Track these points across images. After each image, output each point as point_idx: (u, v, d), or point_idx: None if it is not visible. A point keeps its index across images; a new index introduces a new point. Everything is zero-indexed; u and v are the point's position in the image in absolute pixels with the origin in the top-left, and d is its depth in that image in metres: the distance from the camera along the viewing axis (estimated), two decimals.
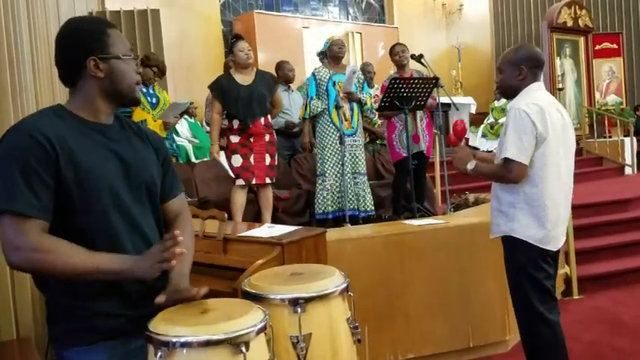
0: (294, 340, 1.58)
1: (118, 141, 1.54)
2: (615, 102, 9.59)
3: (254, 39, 7.80)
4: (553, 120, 2.45)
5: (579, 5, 9.30)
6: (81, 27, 1.53)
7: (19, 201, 1.33)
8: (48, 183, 1.37)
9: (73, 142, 1.42)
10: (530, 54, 2.56)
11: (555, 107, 2.52)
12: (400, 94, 4.22)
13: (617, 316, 4.04)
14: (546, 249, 2.49)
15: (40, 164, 1.36)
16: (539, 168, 2.44)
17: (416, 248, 3.31)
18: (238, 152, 4.01)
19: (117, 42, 1.51)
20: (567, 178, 2.55)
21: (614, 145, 8.37)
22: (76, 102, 1.51)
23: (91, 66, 1.47)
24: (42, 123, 1.41)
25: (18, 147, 1.36)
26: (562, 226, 2.55)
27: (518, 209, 2.49)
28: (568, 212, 2.62)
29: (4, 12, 2.18)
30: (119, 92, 1.53)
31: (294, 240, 2.39)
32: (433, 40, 10.53)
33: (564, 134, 2.51)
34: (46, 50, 2.98)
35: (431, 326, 3.30)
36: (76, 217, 1.41)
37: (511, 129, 2.43)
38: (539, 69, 2.56)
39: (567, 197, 2.57)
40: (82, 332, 1.43)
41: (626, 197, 5.90)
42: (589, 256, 4.86)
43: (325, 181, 4.43)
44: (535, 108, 2.42)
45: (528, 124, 2.39)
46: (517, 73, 2.53)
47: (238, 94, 3.97)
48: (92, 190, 1.42)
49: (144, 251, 1.47)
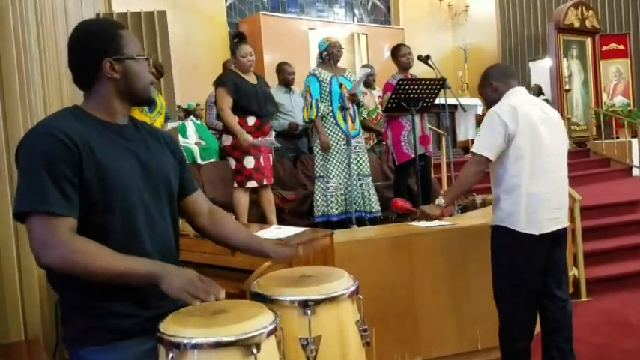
0: (304, 342, 1.57)
1: (134, 141, 1.56)
2: (622, 103, 9.53)
3: (260, 40, 7.81)
4: (530, 116, 2.69)
5: (586, 6, 9.26)
6: (94, 30, 1.54)
7: (49, 201, 1.34)
8: (74, 182, 1.38)
9: (94, 142, 1.43)
10: (494, 69, 2.94)
11: (536, 105, 2.80)
12: (408, 95, 4.21)
13: (626, 319, 4.01)
14: (528, 233, 2.68)
15: (66, 164, 1.37)
16: (515, 160, 2.68)
17: (423, 250, 3.30)
18: (250, 153, 3.99)
19: (130, 43, 1.53)
20: (556, 168, 2.77)
21: (622, 147, 8.32)
22: (93, 103, 1.53)
23: (107, 68, 1.49)
24: (62, 124, 1.42)
25: (42, 148, 1.37)
26: (547, 212, 2.71)
27: (502, 200, 2.75)
28: (560, 199, 2.79)
29: (13, 15, 2.19)
30: (135, 92, 1.54)
31: (302, 241, 2.38)
32: (439, 41, 10.52)
33: (548, 128, 2.73)
34: (53, 52, 2.98)
35: (439, 328, 3.29)
36: (95, 215, 1.42)
37: (483, 128, 2.78)
38: (509, 78, 2.86)
39: (556, 185, 2.76)
40: (98, 331, 1.43)
41: (635, 199, 5.88)
42: (597, 257, 4.84)
43: (329, 183, 4.39)
44: (506, 108, 2.70)
45: (497, 123, 2.67)
46: (491, 89, 2.87)
47: (255, 92, 3.97)
48: (113, 189, 1.43)
49: (160, 249, 1.49)
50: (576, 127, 9.17)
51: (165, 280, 1.35)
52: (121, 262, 1.37)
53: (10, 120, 2.16)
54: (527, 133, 2.66)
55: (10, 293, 2.14)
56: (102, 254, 1.36)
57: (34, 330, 2.22)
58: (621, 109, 9.21)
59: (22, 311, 2.19)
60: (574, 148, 8.83)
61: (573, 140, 8.96)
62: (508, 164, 2.70)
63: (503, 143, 2.67)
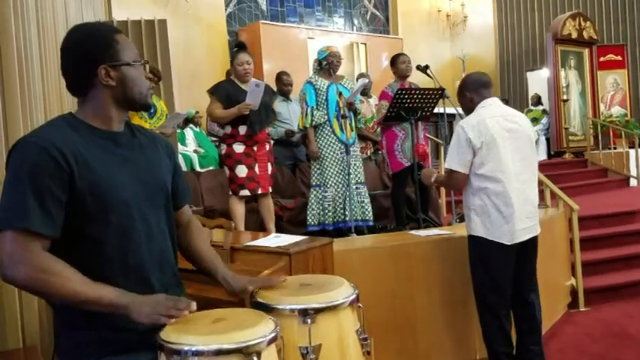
0: (304, 350, 1.56)
1: (131, 148, 1.53)
2: (620, 113, 9.57)
3: (259, 49, 7.83)
4: (494, 128, 2.82)
5: (584, 17, 9.32)
6: (89, 35, 1.49)
7: (28, 218, 1.31)
8: (60, 198, 1.35)
9: (87, 152, 1.40)
10: (468, 80, 3.06)
11: (504, 117, 2.90)
12: (406, 105, 4.22)
13: (624, 329, 4.01)
14: (500, 242, 2.82)
15: (53, 180, 1.34)
16: (482, 171, 2.82)
17: (422, 259, 3.30)
18: (243, 162, 3.98)
19: (126, 48, 1.49)
20: (525, 177, 2.88)
21: (619, 157, 8.35)
22: (88, 111, 1.49)
23: (102, 75, 1.45)
24: (55, 135, 1.39)
25: (31, 162, 1.33)
26: (518, 222, 2.82)
27: (472, 210, 2.90)
28: (530, 208, 2.90)
29: (15, 21, 2.20)
30: (131, 99, 1.51)
31: (301, 250, 2.38)
32: (437, 51, 10.56)
33: (515, 139, 2.86)
34: (54, 59, 2.99)
35: (437, 337, 3.29)
36: (90, 226, 1.40)
37: (451, 143, 2.93)
38: (482, 88, 2.99)
39: (525, 194, 2.87)
40: (92, 345, 1.41)
41: (632, 209, 5.88)
42: (595, 268, 4.84)
43: (326, 192, 4.37)
44: (472, 122, 2.85)
45: (463, 137, 2.83)
46: (465, 99, 3.02)
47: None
48: (107, 200, 1.41)
49: (158, 259, 1.46)
50: (574, 138, 9.19)
51: (134, 311, 1.34)
52: (89, 289, 1.32)
53: (10, 126, 2.15)
54: (491, 146, 2.80)
55: (8, 301, 2.13)
56: (73, 278, 1.32)
57: (32, 338, 2.21)
58: (619, 120, 9.25)
59: (21, 319, 2.18)
60: (572, 158, 8.85)
61: (571, 150, 8.99)
62: (476, 175, 2.85)
63: (471, 156, 2.83)
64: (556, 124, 9.00)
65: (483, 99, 2.96)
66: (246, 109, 3.84)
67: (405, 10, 10.56)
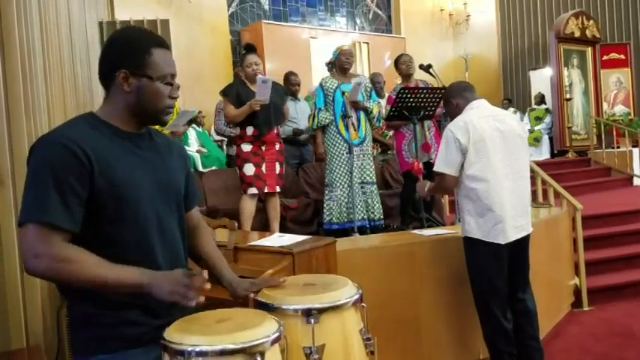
0: (308, 350, 1.56)
1: (149, 150, 1.55)
2: (623, 112, 9.55)
3: (262, 49, 7.84)
4: (482, 129, 2.84)
5: (587, 16, 9.30)
6: (127, 37, 1.53)
7: (50, 212, 1.33)
8: (81, 195, 1.37)
9: (107, 151, 1.43)
10: (452, 88, 3.15)
11: (493, 117, 2.92)
12: (409, 104, 4.22)
13: (628, 328, 4.00)
14: (495, 242, 2.83)
15: (75, 176, 1.36)
16: (472, 172, 2.84)
17: (425, 258, 3.30)
18: (250, 161, 4.02)
19: (157, 63, 1.49)
20: (516, 177, 2.89)
21: (623, 156, 8.33)
22: (108, 110, 1.52)
23: (120, 78, 1.47)
24: (76, 133, 1.41)
25: (53, 158, 1.36)
26: (510, 220, 2.84)
27: (465, 211, 2.91)
28: (522, 207, 2.92)
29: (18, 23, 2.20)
30: (144, 111, 1.52)
31: (304, 249, 2.38)
32: (440, 50, 10.55)
33: (504, 138, 2.88)
34: (57, 59, 2.99)
35: (441, 337, 3.28)
36: (107, 225, 1.42)
37: (441, 146, 2.94)
38: (465, 92, 3.05)
39: (516, 193, 2.89)
40: (106, 340, 1.43)
41: (636, 208, 5.87)
42: (599, 267, 4.83)
43: (333, 192, 4.42)
44: (460, 124, 2.87)
45: (452, 140, 2.86)
46: (452, 106, 3.08)
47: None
48: (126, 200, 1.43)
49: (171, 260, 1.48)
50: (577, 137, 9.18)
51: (155, 288, 1.36)
52: (108, 272, 1.35)
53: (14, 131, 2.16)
54: (479, 146, 2.82)
55: (12, 301, 2.14)
56: (93, 263, 1.35)
57: (35, 338, 2.21)
58: (622, 119, 9.23)
59: (24, 319, 2.18)
60: (575, 157, 8.84)
61: (574, 149, 8.97)
62: (466, 176, 2.87)
63: (460, 158, 2.85)
64: (559, 123, 8.98)
65: (469, 102, 3.00)
66: (257, 104, 3.88)
67: (407, 10, 10.56)
